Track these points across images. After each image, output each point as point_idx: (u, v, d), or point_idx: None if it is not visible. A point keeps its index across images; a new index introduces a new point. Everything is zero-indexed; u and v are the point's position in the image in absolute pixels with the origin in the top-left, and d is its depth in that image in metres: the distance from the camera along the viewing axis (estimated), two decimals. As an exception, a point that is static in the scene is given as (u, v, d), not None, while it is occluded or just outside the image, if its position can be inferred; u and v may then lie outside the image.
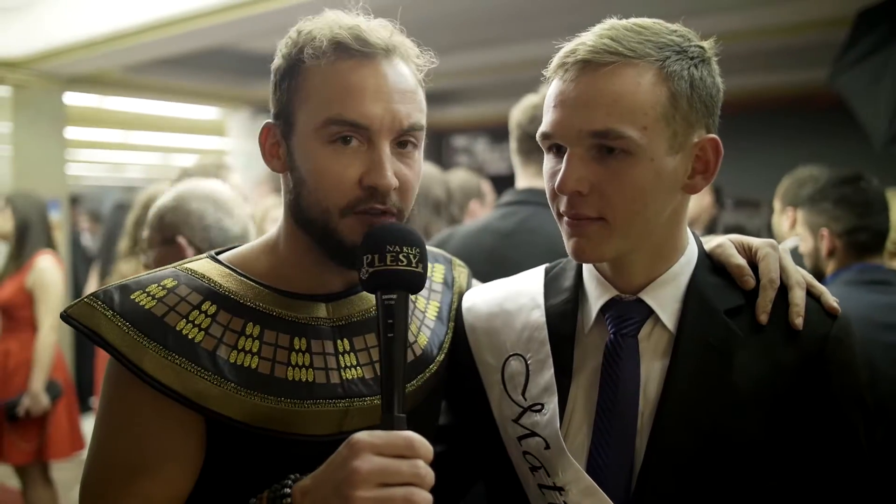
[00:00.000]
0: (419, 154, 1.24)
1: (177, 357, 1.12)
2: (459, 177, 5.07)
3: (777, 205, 3.86)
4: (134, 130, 11.82)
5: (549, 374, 1.22)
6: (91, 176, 15.41)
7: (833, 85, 4.43)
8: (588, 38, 1.15)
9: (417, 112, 1.22)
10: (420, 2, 5.35)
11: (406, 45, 1.24)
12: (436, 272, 1.46)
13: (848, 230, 2.62)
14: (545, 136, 1.18)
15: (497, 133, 11.12)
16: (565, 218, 1.18)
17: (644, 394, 1.18)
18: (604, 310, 1.24)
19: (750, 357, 1.14)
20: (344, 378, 1.21)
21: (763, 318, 1.16)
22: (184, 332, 1.14)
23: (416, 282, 1.14)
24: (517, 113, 2.41)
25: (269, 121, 1.25)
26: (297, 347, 1.20)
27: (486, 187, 5.08)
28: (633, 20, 1.16)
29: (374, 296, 1.30)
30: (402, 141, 1.21)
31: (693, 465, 1.12)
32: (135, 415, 1.14)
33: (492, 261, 2.19)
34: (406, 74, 1.22)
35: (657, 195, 1.13)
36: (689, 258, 1.22)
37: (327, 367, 1.21)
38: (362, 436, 0.99)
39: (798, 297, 1.17)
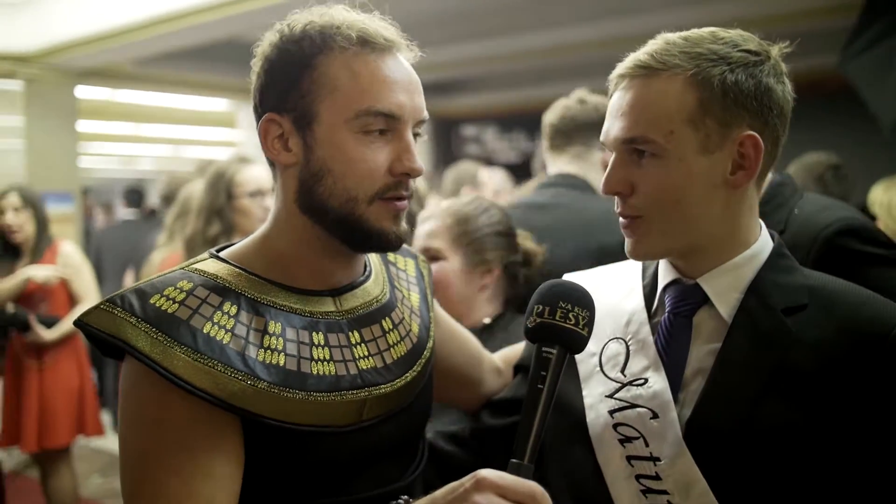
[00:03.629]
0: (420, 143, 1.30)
1: (209, 360, 1.12)
2: (457, 167, 5.26)
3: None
4: (145, 123, 11.89)
5: (652, 353, 1.28)
6: (102, 168, 15.47)
7: (842, 71, 4.43)
8: (632, 56, 1.26)
9: (425, 104, 1.27)
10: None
11: (403, 40, 1.27)
12: (408, 266, 1.52)
13: None
14: (602, 145, 1.31)
15: (506, 122, 11.12)
16: (621, 219, 1.29)
17: (688, 373, 1.24)
18: (666, 289, 1.31)
19: (802, 352, 1.17)
20: (360, 368, 1.25)
21: None
22: (211, 334, 1.14)
23: (578, 343, 1.17)
24: (549, 114, 2.63)
25: (271, 113, 1.23)
26: (316, 342, 1.22)
27: (485, 175, 5.17)
28: (683, 33, 1.25)
29: (376, 288, 1.35)
30: (415, 131, 1.25)
31: (727, 445, 1.17)
32: (174, 418, 1.12)
33: (525, 227, 2.42)
34: (411, 69, 1.27)
35: (691, 192, 1.21)
36: (755, 253, 1.27)
37: (345, 359, 1.24)
38: (489, 473, 1.00)
39: None
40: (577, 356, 1.31)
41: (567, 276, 1.44)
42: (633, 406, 1.25)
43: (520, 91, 9.87)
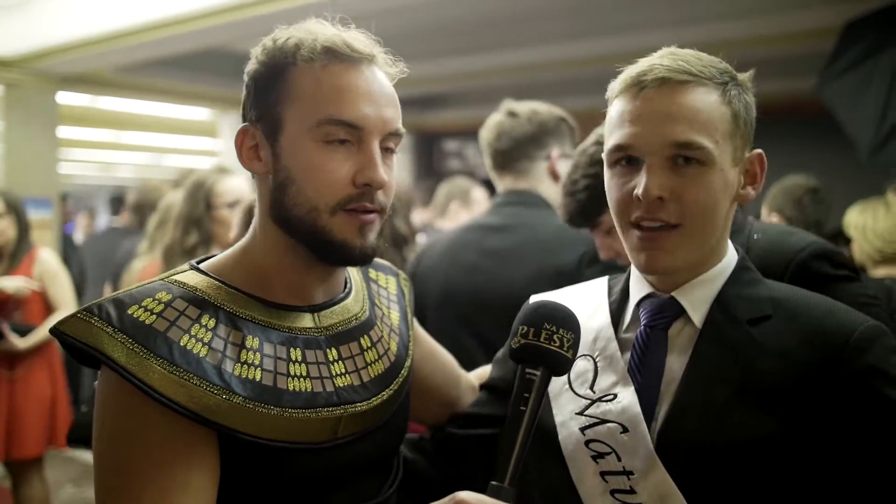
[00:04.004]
0: (395, 159, 1.29)
1: (185, 373, 1.11)
2: (452, 182, 5.31)
3: (764, 211, 3.92)
4: (125, 130, 11.81)
5: (620, 368, 1.28)
6: (82, 175, 15.36)
7: (820, 94, 4.49)
8: (660, 61, 1.24)
9: (399, 118, 1.27)
10: (413, 9, 5.39)
11: (383, 55, 1.27)
12: (390, 284, 1.52)
13: None
14: (620, 148, 1.25)
15: (488, 137, 11.14)
16: (637, 232, 1.25)
17: (664, 385, 1.25)
18: (640, 304, 1.32)
19: (768, 361, 1.19)
20: (337, 385, 1.24)
21: None
22: (188, 347, 1.13)
23: (563, 365, 1.17)
24: (486, 133, 2.56)
25: (246, 124, 1.26)
26: (293, 358, 1.22)
27: (478, 194, 5.20)
28: (686, 50, 1.27)
29: (356, 305, 1.35)
30: (385, 145, 1.25)
31: (699, 457, 1.17)
32: (151, 430, 1.11)
33: (481, 250, 2.42)
34: (386, 82, 1.27)
35: (723, 202, 1.24)
36: (724, 267, 1.29)
37: (321, 375, 1.23)
38: (468, 496, 1.02)
39: None
40: None
41: (534, 298, 1.44)
42: (604, 422, 1.25)
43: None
